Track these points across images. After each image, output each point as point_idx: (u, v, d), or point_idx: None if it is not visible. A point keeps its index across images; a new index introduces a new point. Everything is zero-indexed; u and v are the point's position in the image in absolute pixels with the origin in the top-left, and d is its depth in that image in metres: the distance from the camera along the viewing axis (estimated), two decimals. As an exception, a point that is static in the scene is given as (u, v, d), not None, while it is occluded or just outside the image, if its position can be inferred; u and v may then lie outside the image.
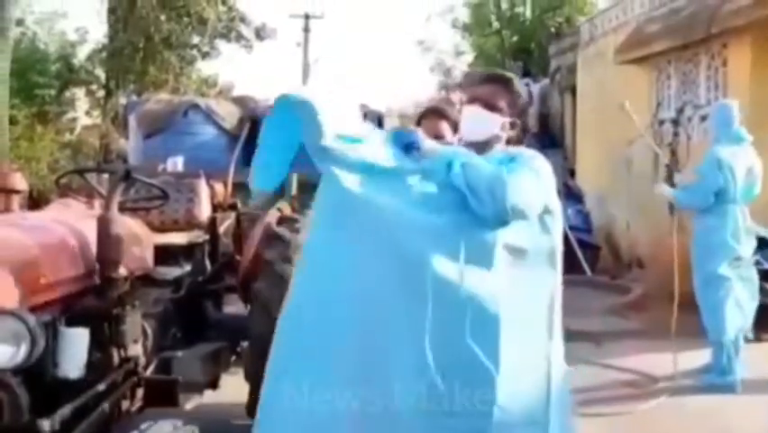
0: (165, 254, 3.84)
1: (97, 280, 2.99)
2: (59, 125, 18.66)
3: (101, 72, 19.97)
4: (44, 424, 2.41)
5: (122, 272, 3.03)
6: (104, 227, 2.99)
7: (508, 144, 2.53)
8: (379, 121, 6.19)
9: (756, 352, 5.83)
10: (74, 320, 2.76)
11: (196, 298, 4.08)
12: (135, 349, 3.10)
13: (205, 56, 20.68)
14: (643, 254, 10.18)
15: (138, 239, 3.52)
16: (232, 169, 4.86)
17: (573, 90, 13.48)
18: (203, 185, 4.38)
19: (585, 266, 10.12)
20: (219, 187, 4.73)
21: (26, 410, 2.40)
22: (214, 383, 3.95)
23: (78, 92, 20.67)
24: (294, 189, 4.87)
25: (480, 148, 2.44)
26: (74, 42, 20.57)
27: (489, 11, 23.59)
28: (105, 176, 3.72)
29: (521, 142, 2.57)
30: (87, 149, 17.75)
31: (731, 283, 5.43)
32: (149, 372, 3.25)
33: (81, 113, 20.82)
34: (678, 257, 5.62)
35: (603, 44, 11.80)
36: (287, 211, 4.43)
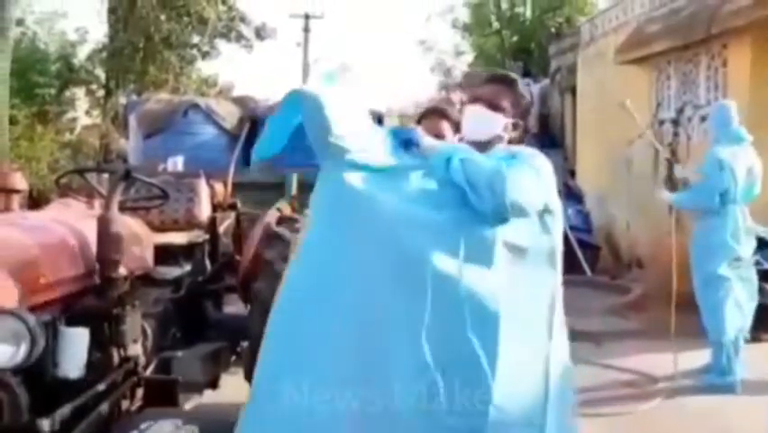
0: (165, 254, 3.84)
1: (97, 279, 2.98)
2: (59, 125, 18.67)
3: (101, 72, 20.00)
4: (44, 424, 2.41)
5: (122, 272, 3.02)
6: (104, 227, 2.99)
7: (510, 144, 2.52)
8: (380, 121, 6.19)
9: (756, 352, 5.83)
10: (74, 320, 2.76)
11: (196, 298, 4.08)
12: (135, 349, 3.10)
13: (205, 56, 20.72)
14: (643, 254, 10.17)
15: (138, 239, 3.52)
16: (232, 168, 4.87)
17: (573, 90, 13.48)
18: (203, 185, 4.38)
19: (585, 266, 10.12)
20: (219, 186, 4.73)
21: (26, 410, 2.40)
22: (214, 383, 3.95)
23: (78, 92, 20.70)
24: (294, 189, 4.88)
25: (482, 148, 2.42)
26: (74, 42, 20.64)
27: (490, 11, 23.61)
28: (105, 176, 3.71)
29: (522, 142, 2.56)
30: (87, 149, 17.77)
31: (731, 283, 5.42)
32: (149, 372, 3.24)
33: (81, 112, 20.88)
34: (678, 257, 5.62)
35: (603, 44, 11.79)
36: (287, 211, 4.43)
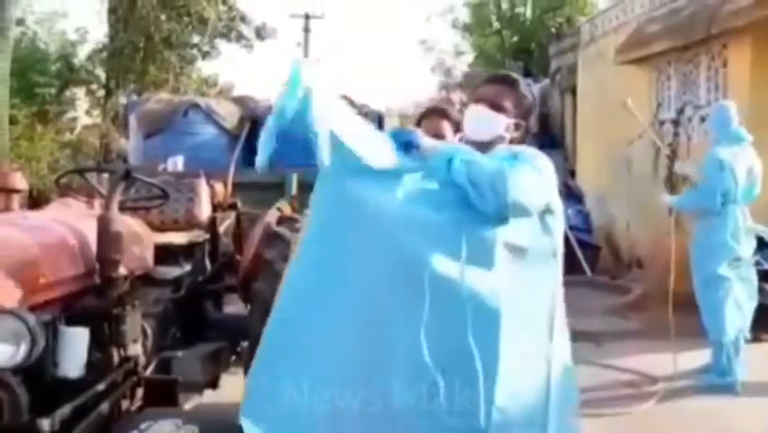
0: (165, 254, 3.84)
1: (97, 279, 2.98)
2: (59, 125, 18.66)
3: (101, 72, 20.00)
4: (44, 423, 2.41)
5: (122, 272, 3.02)
6: (104, 227, 2.99)
7: (511, 145, 2.50)
8: (380, 121, 6.19)
9: (756, 352, 5.83)
10: (74, 320, 2.76)
11: (196, 297, 4.08)
12: (135, 349, 3.10)
13: (205, 56, 20.72)
14: (643, 254, 10.17)
15: (138, 239, 3.52)
16: (232, 168, 4.86)
17: (574, 90, 13.49)
18: (203, 185, 4.38)
19: (585, 266, 10.11)
20: (219, 186, 4.72)
21: (26, 410, 2.40)
22: (214, 383, 3.95)
23: (79, 92, 20.70)
24: (294, 189, 4.88)
25: (484, 148, 2.41)
26: (74, 42, 20.64)
27: (490, 11, 23.62)
28: (106, 175, 3.72)
29: (523, 142, 2.55)
30: (88, 148, 17.76)
31: (731, 284, 5.42)
32: (149, 371, 3.24)
33: (81, 112, 20.87)
34: (678, 257, 5.62)
35: (603, 44, 11.79)
36: (287, 211, 4.43)
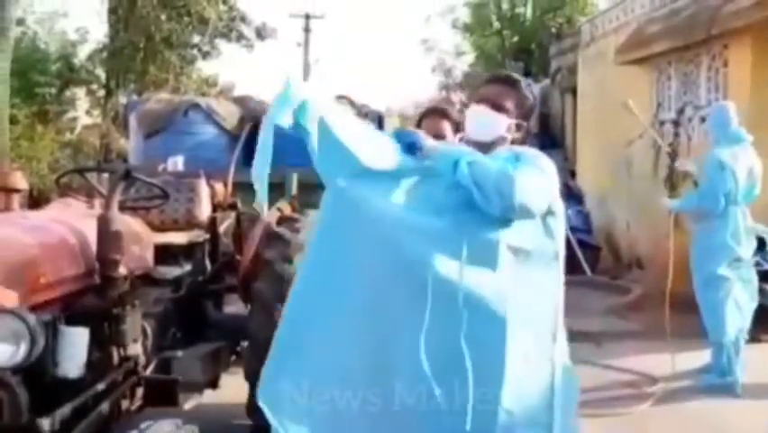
0: (165, 254, 3.84)
1: (97, 279, 2.98)
2: (59, 125, 18.69)
3: (101, 72, 20.01)
4: (44, 423, 2.41)
5: (122, 272, 3.02)
6: (104, 227, 2.99)
7: (512, 145, 2.50)
8: (380, 121, 6.18)
9: (756, 353, 5.83)
10: (74, 319, 2.76)
11: (196, 297, 4.08)
12: (135, 349, 3.09)
13: (205, 56, 20.72)
14: (643, 255, 10.18)
15: (138, 238, 3.52)
16: (232, 168, 4.85)
17: (574, 91, 13.49)
18: (203, 185, 4.38)
19: (585, 266, 10.12)
20: (219, 186, 4.72)
21: (26, 410, 2.40)
22: (214, 383, 3.95)
23: (79, 91, 20.71)
24: (294, 189, 4.88)
25: (485, 148, 2.41)
26: (74, 42, 20.65)
27: (490, 11, 23.64)
28: (106, 175, 3.72)
29: (524, 143, 2.55)
30: (88, 148, 17.78)
31: (731, 284, 5.42)
32: (148, 371, 3.24)
33: (81, 112, 20.89)
34: (678, 258, 5.62)
35: (604, 45, 11.79)
36: (287, 211, 4.43)
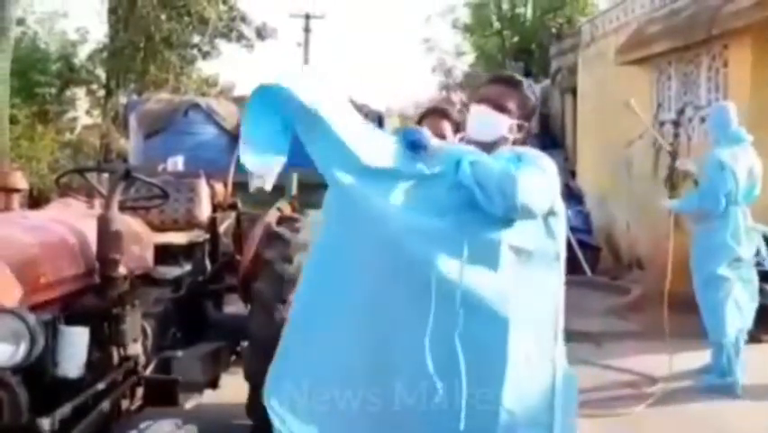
0: (165, 254, 3.84)
1: (97, 279, 2.98)
2: (59, 125, 18.68)
3: (101, 72, 20.00)
4: (44, 423, 2.41)
5: (122, 272, 3.02)
6: (104, 226, 2.99)
7: (513, 146, 2.50)
8: (380, 121, 6.18)
9: (756, 353, 5.83)
10: (74, 319, 2.76)
11: (196, 297, 4.08)
12: (135, 348, 3.10)
13: (205, 56, 20.72)
14: (643, 255, 10.18)
15: (138, 238, 3.52)
16: (232, 168, 4.86)
17: (574, 91, 13.49)
18: (203, 185, 4.38)
19: (585, 267, 10.12)
20: (219, 186, 4.72)
21: (26, 409, 2.40)
22: (214, 383, 3.95)
23: (79, 91, 20.70)
24: (294, 189, 4.88)
25: (486, 149, 2.40)
26: (75, 42, 20.63)
27: (490, 11, 23.65)
28: (106, 175, 3.72)
29: (525, 143, 2.55)
30: (88, 148, 17.77)
31: (731, 284, 5.42)
32: (148, 371, 3.24)
33: (82, 112, 20.88)
34: (678, 258, 5.62)
35: (604, 45, 11.79)
36: (287, 211, 4.43)
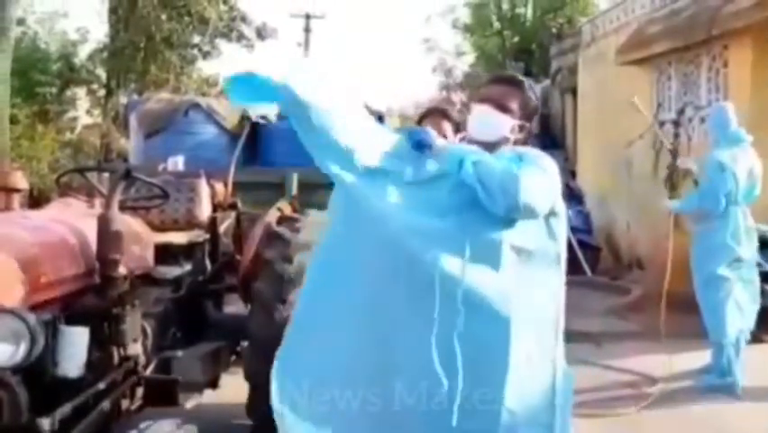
0: (165, 254, 3.83)
1: (97, 278, 2.98)
2: (59, 124, 18.69)
3: (102, 71, 20.02)
4: (44, 423, 2.41)
5: (122, 271, 3.02)
6: (104, 226, 2.99)
7: (515, 146, 2.51)
8: (380, 121, 6.18)
9: (756, 353, 5.83)
10: (74, 319, 2.76)
11: (197, 297, 4.08)
12: (135, 348, 3.09)
13: (206, 55, 20.72)
14: (643, 255, 10.18)
15: (138, 238, 3.52)
16: (232, 168, 4.86)
17: (574, 91, 13.49)
18: (203, 184, 4.38)
19: (585, 267, 10.12)
20: (219, 186, 4.72)
21: (26, 409, 2.40)
22: (214, 383, 3.95)
23: (79, 91, 20.71)
24: (294, 189, 4.88)
25: (488, 149, 2.40)
26: (75, 42, 20.65)
27: (491, 11, 23.64)
28: (106, 175, 3.72)
29: (526, 144, 2.56)
30: (88, 148, 17.78)
31: (731, 284, 5.42)
32: (149, 371, 3.24)
33: (82, 112, 20.89)
34: (678, 258, 5.62)
35: (604, 45, 11.79)
36: (287, 211, 4.43)
